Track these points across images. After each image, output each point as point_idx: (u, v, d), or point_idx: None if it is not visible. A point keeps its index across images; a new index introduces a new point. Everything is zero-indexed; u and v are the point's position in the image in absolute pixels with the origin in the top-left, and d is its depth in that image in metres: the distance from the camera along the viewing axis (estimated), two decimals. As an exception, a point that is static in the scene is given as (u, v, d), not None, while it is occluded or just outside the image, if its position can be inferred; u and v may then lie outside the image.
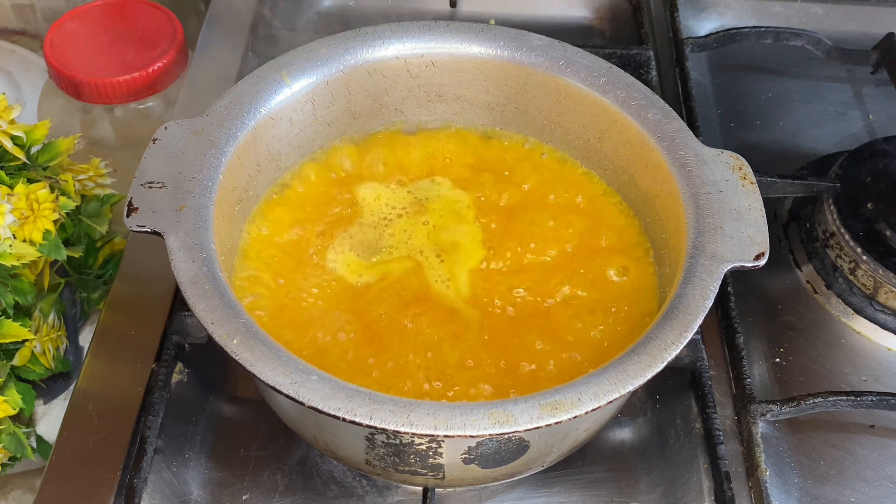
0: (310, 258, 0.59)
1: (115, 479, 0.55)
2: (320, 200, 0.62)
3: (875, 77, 0.83)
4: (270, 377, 0.45)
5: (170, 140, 0.55)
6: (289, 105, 0.60)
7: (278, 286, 0.57)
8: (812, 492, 0.58)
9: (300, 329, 0.55)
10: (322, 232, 0.60)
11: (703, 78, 0.83)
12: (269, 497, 0.56)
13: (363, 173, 0.64)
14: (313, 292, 0.57)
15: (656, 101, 0.59)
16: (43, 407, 0.68)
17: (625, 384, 0.46)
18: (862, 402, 0.60)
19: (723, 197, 0.54)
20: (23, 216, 0.60)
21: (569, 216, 0.61)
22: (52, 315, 0.66)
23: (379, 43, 0.62)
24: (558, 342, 0.55)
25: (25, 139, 0.64)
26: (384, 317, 0.56)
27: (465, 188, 0.63)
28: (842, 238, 0.67)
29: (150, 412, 0.56)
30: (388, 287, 0.57)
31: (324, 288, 0.57)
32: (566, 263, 0.59)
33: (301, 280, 0.57)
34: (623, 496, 0.57)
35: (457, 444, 0.48)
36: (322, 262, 0.59)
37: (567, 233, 0.60)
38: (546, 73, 0.61)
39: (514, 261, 0.59)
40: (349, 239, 0.60)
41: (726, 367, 0.63)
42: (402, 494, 0.57)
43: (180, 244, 0.50)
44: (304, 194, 0.62)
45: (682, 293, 0.50)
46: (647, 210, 0.60)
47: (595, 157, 0.63)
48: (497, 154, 0.65)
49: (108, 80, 0.72)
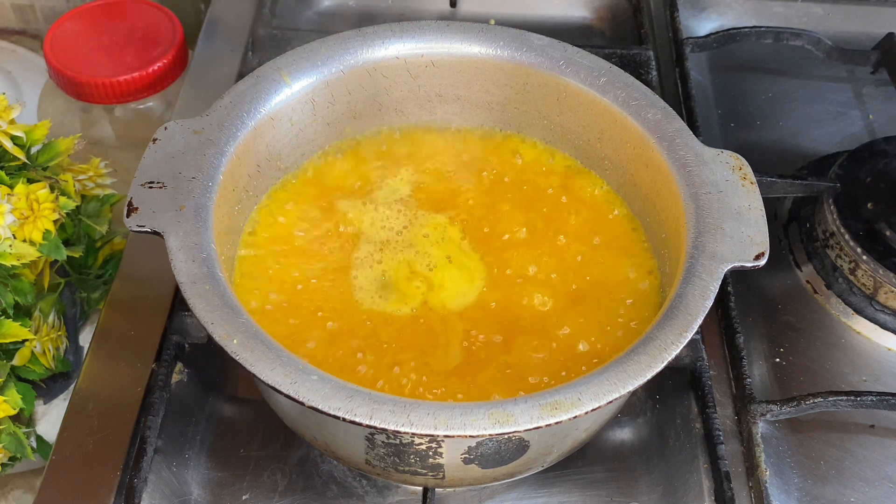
0: (309, 258, 0.59)
1: (115, 479, 0.55)
2: (319, 201, 0.62)
3: (875, 77, 0.83)
4: (270, 377, 0.45)
5: (170, 140, 0.55)
6: (289, 105, 0.60)
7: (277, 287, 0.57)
8: (812, 492, 0.58)
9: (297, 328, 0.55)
10: (320, 235, 0.60)
11: (703, 78, 0.83)
12: (269, 497, 0.56)
13: (363, 174, 0.64)
14: (311, 294, 0.57)
15: (656, 101, 0.59)
16: (43, 407, 0.68)
17: (625, 384, 0.46)
18: (862, 402, 0.60)
19: (723, 197, 0.54)
20: (23, 216, 0.60)
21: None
22: (52, 315, 0.66)
23: (379, 43, 0.62)
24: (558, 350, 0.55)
25: (25, 139, 0.64)
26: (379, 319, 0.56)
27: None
28: (842, 238, 0.67)
29: (150, 412, 0.56)
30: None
31: (322, 288, 0.57)
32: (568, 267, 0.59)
33: (301, 280, 0.58)
34: (623, 496, 0.57)
35: (457, 444, 0.48)
36: (321, 261, 0.59)
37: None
38: (546, 73, 0.61)
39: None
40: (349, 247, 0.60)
41: (726, 367, 0.63)
42: (402, 494, 0.57)
43: (180, 244, 0.50)
44: (303, 195, 0.62)
45: (682, 293, 0.50)
46: (647, 210, 0.60)
47: (595, 157, 0.63)
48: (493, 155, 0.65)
49: (108, 80, 0.72)
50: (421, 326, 0.56)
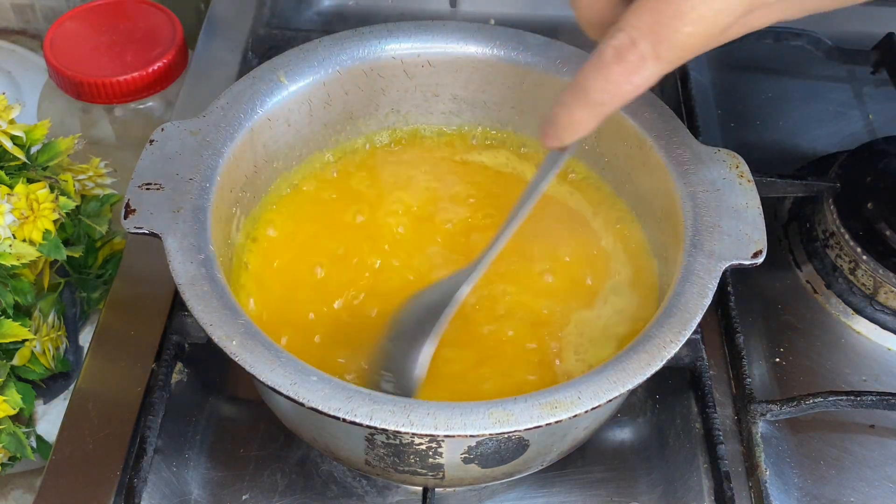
0: (308, 258, 0.59)
1: (115, 479, 0.55)
2: (318, 202, 0.62)
3: (875, 77, 0.83)
4: (270, 378, 0.45)
5: (167, 141, 0.55)
6: (286, 105, 0.60)
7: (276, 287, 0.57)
8: (812, 492, 0.58)
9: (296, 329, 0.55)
10: (319, 236, 0.60)
11: (703, 78, 0.83)
12: (269, 497, 0.56)
13: (361, 174, 0.64)
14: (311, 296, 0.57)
15: (653, 100, 0.59)
16: (43, 407, 0.68)
17: (624, 383, 0.46)
18: (862, 402, 0.60)
19: (720, 195, 0.54)
20: (23, 216, 0.60)
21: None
22: (52, 315, 0.66)
23: (375, 43, 0.62)
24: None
25: (25, 139, 0.64)
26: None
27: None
28: (842, 238, 0.67)
29: (150, 412, 0.56)
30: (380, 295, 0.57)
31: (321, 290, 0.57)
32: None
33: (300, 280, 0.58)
34: (623, 496, 0.57)
35: (457, 443, 0.48)
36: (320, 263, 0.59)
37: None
38: (543, 73, 0.61)
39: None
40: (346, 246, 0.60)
41: (726, 367, 0.63)
42: (402, 494, 0.57)
43: (178, 246, 0.50)
44: (302, 195, 0.62)
45: (681, 291, 0.50)
46: (645, 209, 0.60)
47: (592, 157, 0.63)
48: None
49: (108, 80, 0.72)
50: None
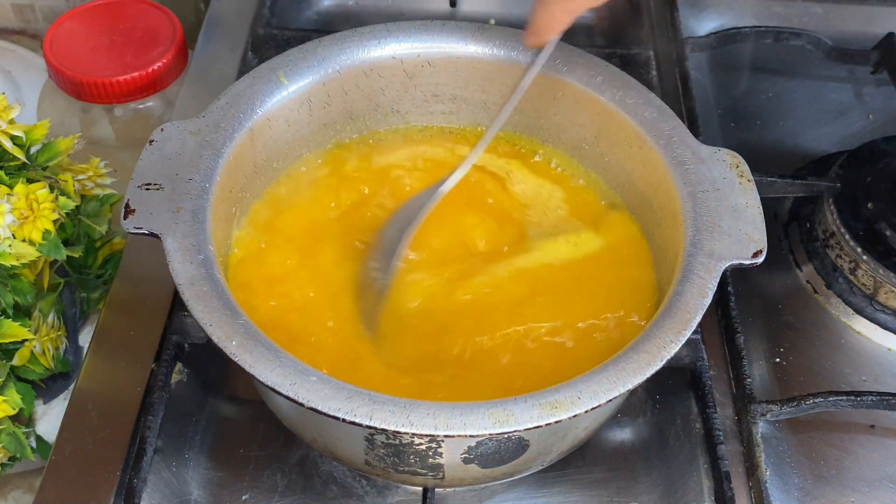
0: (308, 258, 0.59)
1: (114, 479, 0.55)
2: (317, 203, 0.62)
3: (875, 77, 0.83)
4: (270, 378, 0.45)
5: (166, 141, 0.55)
6: (285, 105, 0.60)
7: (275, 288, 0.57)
8: (812, 492, 0.58)
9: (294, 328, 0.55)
10: (318, 237, 0.60)
11: (703, 78, 0.83)
12: (269, 497, 0.56)
13: (360, 175, 0.64)
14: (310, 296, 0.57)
15: (653, 100, 0.59)
16: (43, 407, 0.68)
17: (624, 382, 0.46)
18: (862, 402, 0.60)
19: (720, 195, 0.54)
20: (22, 216, 0.60)
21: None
22: (52, 315, 0.66)
23: (375, 43, 0.62)
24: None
25: (25, 139, 0.64)
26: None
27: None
28: (842, 238, 0.67)
29: (150, 412, 0.56)
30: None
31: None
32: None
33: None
34: (623, 496, 0.57)
35: (457, 443, 0.48)
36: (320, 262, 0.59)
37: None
38: (542, 72, 0.61)
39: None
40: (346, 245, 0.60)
41: (726, 367, 0.63)
42: (402, 494, 0.57)
43: (178, 246, 0.50)
44: (301, 196, 0.62)
45: (681, 291, 0.50)
46: (645, 208, 0.60)
47: (592, 156, 0.63)
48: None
49: (108, 80, 0.72)
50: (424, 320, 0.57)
